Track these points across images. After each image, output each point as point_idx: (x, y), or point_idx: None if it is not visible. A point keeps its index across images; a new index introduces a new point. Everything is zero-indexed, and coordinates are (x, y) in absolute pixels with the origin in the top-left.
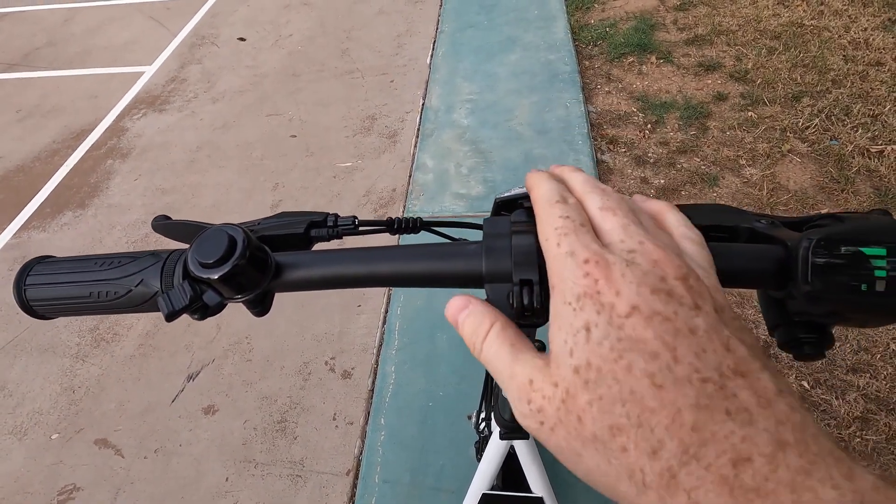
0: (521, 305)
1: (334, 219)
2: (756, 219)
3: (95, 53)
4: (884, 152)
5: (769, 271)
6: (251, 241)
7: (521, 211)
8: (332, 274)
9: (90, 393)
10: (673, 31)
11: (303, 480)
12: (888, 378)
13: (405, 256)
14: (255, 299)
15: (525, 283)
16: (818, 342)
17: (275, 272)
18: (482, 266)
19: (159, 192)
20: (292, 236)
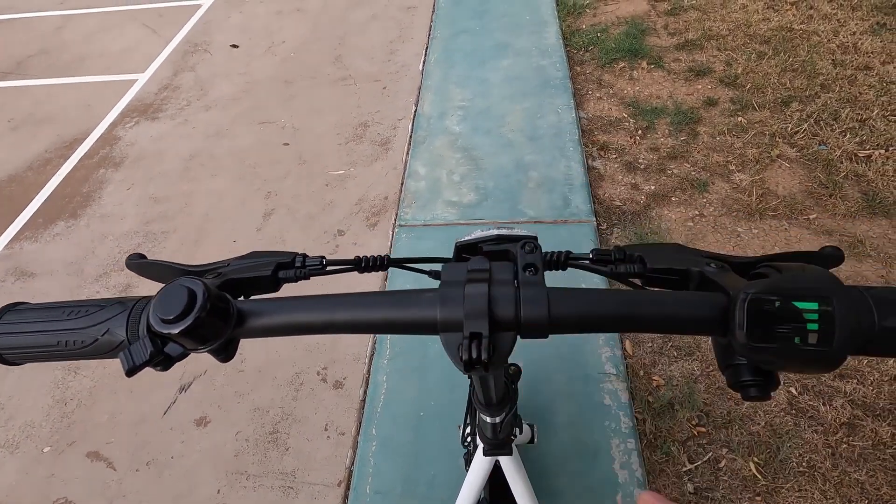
0: (470, 359)
1: (302, 259)
2: (707, 262)
3: (89, 61)
4: (871, 157)
5: (711, 320)
6: (211, 293)
7: (479, 258)
8: (292, 322)
9: (82, 405)
10: (664, 36)
11: (294, 492)
12: (875, 384)
13: (363, 304)
14: (219, 348)
15: (475, 336)
16: (763, 385)
17: (237, 321)
18: (437, 315)
19: (152, 201)
20: (261, 279)
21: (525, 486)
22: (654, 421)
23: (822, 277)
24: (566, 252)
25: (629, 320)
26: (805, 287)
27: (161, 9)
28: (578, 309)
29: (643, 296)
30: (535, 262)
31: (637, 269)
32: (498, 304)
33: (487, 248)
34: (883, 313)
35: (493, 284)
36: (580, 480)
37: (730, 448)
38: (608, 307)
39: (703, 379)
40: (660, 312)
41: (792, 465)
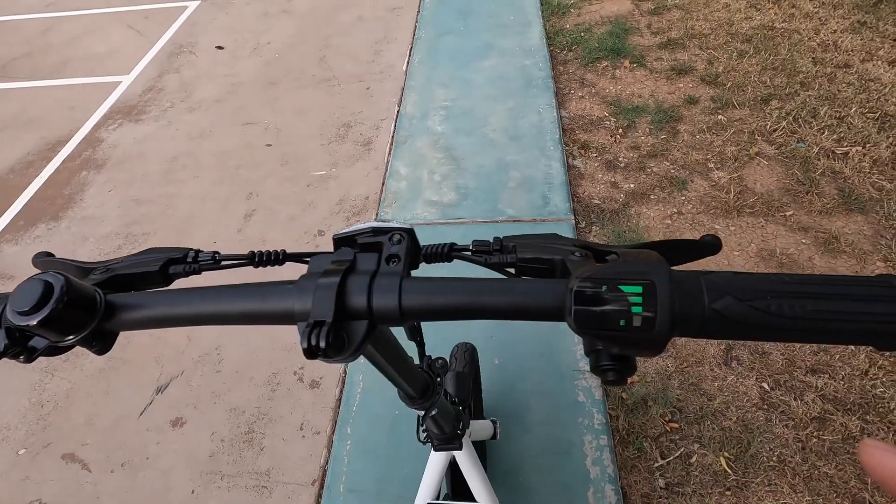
0: (309, 345)
1: (194, 255)
2: (573, 251)
3: (74, 63)
4: (849, 154)
5: (553, 307)
6: (72, 286)
7: (345, 249)
8: (160, 314)
9: (59, 408)
10: (647, 35)
11: (268, 491)
12: (845, 378)
13: (225, 297)
14: (87, 340)
15: (318, 324)
16: (619, 370)
17: (105, 313)
18: (293, 306)
19: (134, 202)
20: (149, 274)
21: (481, 479)
22: (627, 417)
23: (651, 262)
24: (450, 244)
25: (479, 308)
26: (631, 272)
27: (147, 11)
28: (429, 298)
29: (493, 284)
30: (399, 253)
31: (509, 259)
32: (351, 294)
33: (362, 240)
34: (713, 296)
35: (351, 274)
36: (553, 477)
37: (701, 443)
38: (458, 296)
39: (676, 375)
40: (507, 300)
41: (762, 459)
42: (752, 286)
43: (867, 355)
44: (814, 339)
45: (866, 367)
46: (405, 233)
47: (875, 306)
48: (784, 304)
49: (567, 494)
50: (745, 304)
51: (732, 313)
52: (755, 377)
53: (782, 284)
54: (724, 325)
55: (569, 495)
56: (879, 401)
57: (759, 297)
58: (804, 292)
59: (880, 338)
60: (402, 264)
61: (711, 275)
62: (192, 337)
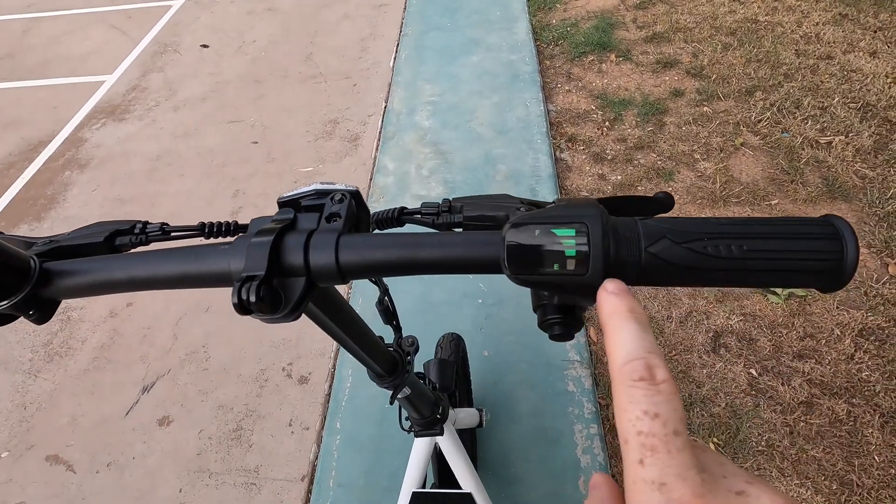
0: (239, 299)
1: (142, 226)
2: (519, 207)
3: (56, 64)
4: (832, 143)
5: (488, 257)
6: (2, 250)
7: (286, 209)
8: (97, 280)
9: (42, 409)
10: (632, 29)
11: (257, 488)
12: (832, 363)
13: (161, 260)
14: (21, 306)
15: (249, 279)
16: (564, 323)
17: (40, 279)
18: (229, 266)
19: (118, 202)
20: (93, 245)
21: (466, 466)
22: None
23: (585, 205)
24: (400, 208)
25: (417, 262)
26: (563, 215)
27: (130, 10)
28: (367, 253)
29: (430, 238)
30: (339, 212)
31: (456, 218)
32: (287, 251)
33: (306, 202)
34: (649, 240)
35: (290, 232)
36: (543, 466)
37: (691, 430)
38: (395, 250)
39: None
40: (443, 253)
41: (751, 444)
42: (689, 228)
43: (852, 340)
44: (754, 282)
45: (852, 352)
46: (348, 193)
47: (814, 244)
48: (721, 244)
49: (558, 483)
50: (682, 247)
51: (669, 256)
52: (743, 363)
53: (720, 226)
54: (661, 268)
55: (560, 484)
56: (865, 384)
57: (696, 239)
58: (743, 233)
59: (822, 277)
60: (341, 222)
61: (649, 219)
62: (178, 335)
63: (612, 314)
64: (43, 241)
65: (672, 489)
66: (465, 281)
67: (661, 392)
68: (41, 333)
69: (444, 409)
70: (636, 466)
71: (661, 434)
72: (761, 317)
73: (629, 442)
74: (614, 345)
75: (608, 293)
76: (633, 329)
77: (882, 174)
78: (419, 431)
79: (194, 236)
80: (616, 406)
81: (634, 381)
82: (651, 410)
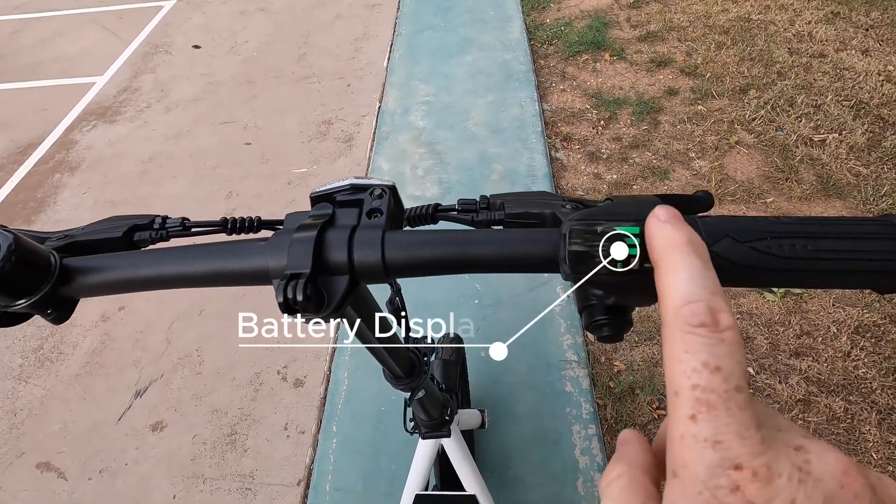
0: (285, 298)
1: (161, 221)
2: (563, 204)
3: (45, 65)
4: (826, 141)
5: (546, 255)
6: (21, 244)
7: (323, 204)
8: (123, 277)
9: (33, 415)
10: (626, 28)
11: (252, 493)
12: (829, 360)
13: (194, 257)
14: (41, 305)
15: (294, 276)
16: (615, 324)
17: (61, 277)
18: (267, 263)
19: (109, 204)
20: (112, 240)
21: (471, 468)
22: (615, 406)
23: (647, 203)
24: (434, 204)
25: (468, 260)
26: (626, 212)
27: (121, 11)
28: (414, 251)
29: (482, 235)
30: (381, 207)
31: (497, 215)
32: (330, 248)
33: (341, 197)
34: (712, 238)
35: (330, 229)
36: (542, 467)
37: None
38: (446, 248)
39: (663, 362)
40: (497, 251)
41: None
42: (751, 227)
43: (849, 337)
44: (814, 283)
45: (849, 349)
46: (387, 188)
47: (877, 244)
48: (784, 244)
49: (556, 484)
50: (745, 246)
51: (732, 255)
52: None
53: (781, 225)
54: (724, 268)
55: (558, 485)
56: (862, 381)
57: (758, 239)
58: (804, 232)
59: (882, 278)
60: (384, 218)
61: (709, 218)
62: (171, 339)
63: (667, 247)
64: (57, 235)
65: (729, 447)
66: (461, 281)
67: (724, 341)
68: (31, 339)
69: (451, 410)
70: (686, 421)
71: (721, 390)
72: (758, 315)
73: (680, 395)
74: (670, 283)
75: (662, 222)
76: (695, 265)
77: (876, 171)
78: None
79: (216, 232)
80: (668, 354)
81: (693, 327)
82: (712, 363)
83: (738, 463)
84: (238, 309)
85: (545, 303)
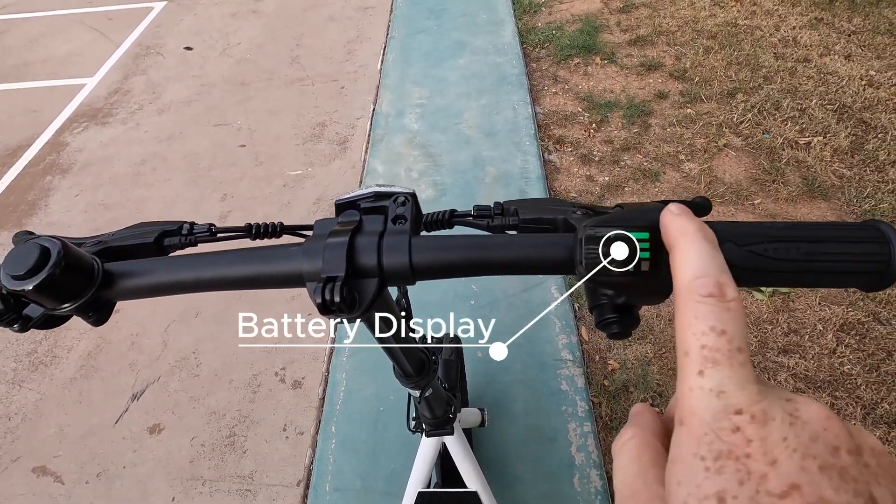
0: (323, 300)
1: (189, 227)
2: (574, 211)
3: (34, 67)
4: (811, 143)
5: (561, 258)
6: (69, 251)
7: (350, 212)
8: (162, 281)
9: (28, 419)
10: (617, 32)
11: (252, 494)
12: (815, 357)
13: (230, 261)
14: (84, 308)
15: (330, 279)
16: (623, 322)
17: (104, 281)
18: (301, 267)
19: (101, 207)
20: (143, 246)
21: (472, 465)
22: (609, 404)
23: (656, 210)
24: (451, 210)
25: (489, 263)
26: (637, 218)
27: (110, 12)
28: (439, 254)
29: (501, 239)
30: (405, 214)
31: (511, 221)
32: (360, 252)
33: (365, 204)
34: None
35: (359, 234)
36: (539, 465)
37: None
38: (468, 252)
39: (656, 361)
40: (516, 254)
41: None
42: (750, 232)
43: (834, 335)
44: (806, 282)
45: (834, 346)
46: (409, 196)
47: (863, 247)
48: (780, 247)
49: (553, 481)
50: (744, 250)
51: (733, 258)
52: None
53: (777, 230)
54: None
55: (555, 482)
56: (847, 377)
57: (756, 242)
58: (797, 236)
59: (867, 278)
60: (408, 224)
61: (711, 223)
62: (167, 342)
63: (681, 233)
64: (91, 241)
65: (731, 395)
66: (457, 282)
67: (729, 310)
68: (25, 342)
69: (455, 408)
70: (694, 376)
71: (725, 349)
72: (747, 313)
73: (690, 354)
74: (683, 261)
75: (675, 215)
76: (705, 248)
77: (858, 173)
78: (430, 431)
79: (241, 237)
80: (679, 321)
81: (703, 297)
82: (718, 327)
83: (738, 408)
84: (235, 311)
85: (540, 303)
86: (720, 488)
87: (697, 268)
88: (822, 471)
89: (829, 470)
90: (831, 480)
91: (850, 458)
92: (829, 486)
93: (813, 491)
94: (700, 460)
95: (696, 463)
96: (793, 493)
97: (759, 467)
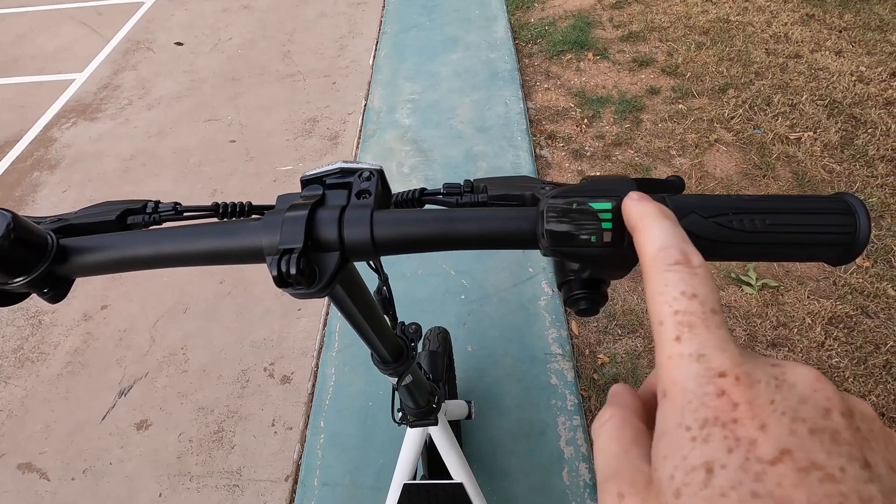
0: (279, 271)
1: (154, 205)
2: (543, 186)
3: (22, 62)
4: (801, 139)
5: (525, 231)
6: (19, 223)
7: (313, 186)
8: (119, 256)
9: (13, 416)
10: (609, 28)
11: (240, 490)
12: (804, 350)
13: (189, 236)
14: (38, 283)
15: (287, 252)
16: (591, 298)
17: (58, 256)
18: (261, 241)
19: (90, 202)
20: (105, 224)
21: (458, 457)
22: (598, 397)
23: (619, 181)
24: (421, 188)
25: (452, 237)
26: (599, 189)
27: (100, 7)
28: (401, 228)
29: (465, 213)
30: (369, 188)
31: (480, 198)
32: (321, 225)
33: (330, 180)
34: (679, 214)
35: (321, 208)
36: (528, 459)
37: None
38: (431, 226)
39: (645, 354)
40: (479, 227)
41: None
42: (715, 204)
43: (823, 328)
44: (772, 255)
45: (823, 339)
46: (375, 171)
47: (829, 219)
48: (745, 219)
49: (542, 474)
50: (709, 221)
51: (698, 230)
52: None
53: (743, 202)
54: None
55: (544, 475)
56: (835, 370)
57: (722, 214)
58: (764, 208)
59: (834, 250)
60: (372, 198)
61: (676, 195)
62: (155, 338)
63: (642, 215)
64: (51, 219)
65: (711, 359)
66: (447, 277)
67: (697, 274)
68: (10, 339)
69: (438, 398)
70: (671, 343)
71: (699, 312)
72: (736, 307)
73: (664, 322)
74: (646, 238)
75: (635, 200)
76: (666, 224)
77: (848, 168)
78: (414, 422)
79: (208, 216)
80: (650, 292)
81: (670, 266)
82: (689, 291)
83: (721, 371)
84: (223, 307)
85: (530, 297)
86: (708, 458)
87: (661, 240)
88: (812, 434)
89: (820, 433)
90: (823, 444)
91: (842, 420)
92: (822, 449)
93: (805, 456)
94: (685, 430)
95: (682, 433)
96: (784, 458)
97: (747, 433)
